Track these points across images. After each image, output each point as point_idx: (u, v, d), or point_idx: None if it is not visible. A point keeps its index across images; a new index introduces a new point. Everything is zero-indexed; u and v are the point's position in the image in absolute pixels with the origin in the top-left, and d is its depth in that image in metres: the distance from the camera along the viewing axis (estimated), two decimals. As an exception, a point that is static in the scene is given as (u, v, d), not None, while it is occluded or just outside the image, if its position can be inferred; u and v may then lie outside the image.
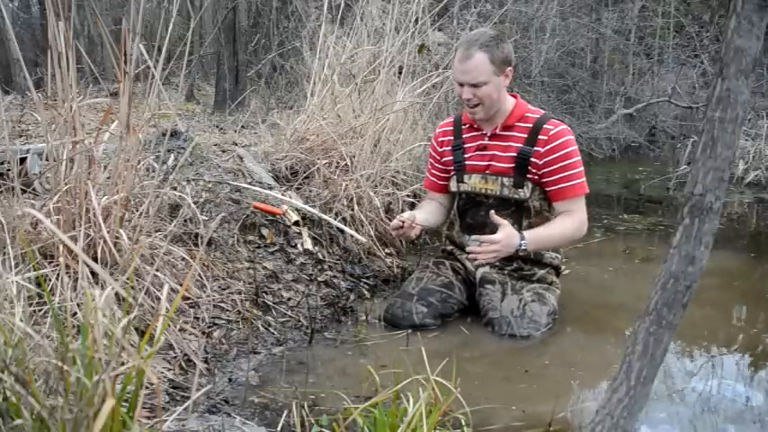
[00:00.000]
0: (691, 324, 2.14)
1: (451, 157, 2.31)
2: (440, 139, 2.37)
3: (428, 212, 2.36)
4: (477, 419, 1.41)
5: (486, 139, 2.23)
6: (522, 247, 2.06)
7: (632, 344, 1.05)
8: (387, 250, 2.76)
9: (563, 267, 2.40)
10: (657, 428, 1.53)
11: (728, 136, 0.94)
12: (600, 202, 4.46)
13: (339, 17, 3.53)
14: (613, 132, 7.50)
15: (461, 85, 2.12)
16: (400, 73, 3.32)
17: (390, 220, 2.81)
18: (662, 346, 1.03)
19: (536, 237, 2.10)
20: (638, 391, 1.04)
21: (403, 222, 2.18)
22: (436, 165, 2.40)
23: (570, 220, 2.15)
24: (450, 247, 2.41)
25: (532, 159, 2.14)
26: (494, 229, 2.13)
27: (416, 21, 3.32)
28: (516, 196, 2.18)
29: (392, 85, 3.28)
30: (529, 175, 2.16)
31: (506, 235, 2.04)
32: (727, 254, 3.11)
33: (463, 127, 2.30)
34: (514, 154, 2.16)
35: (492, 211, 2.10)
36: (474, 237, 2.11)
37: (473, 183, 2.25)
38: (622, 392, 1.05)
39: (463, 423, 1.29)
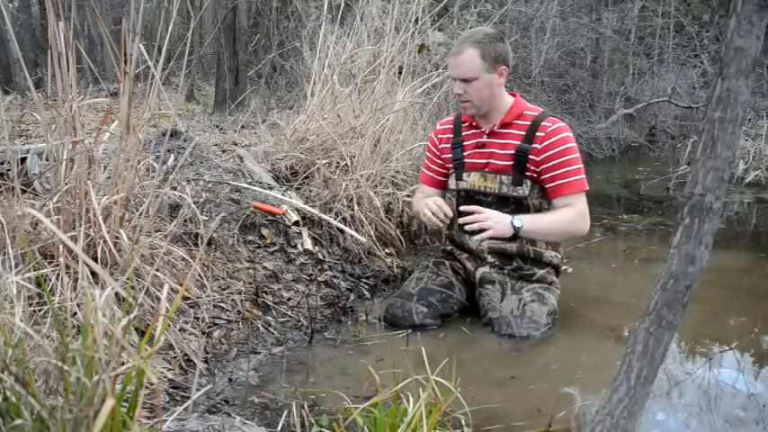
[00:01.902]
0: (691, 323, 2.14)
1: (451, 155, 2.32)
2: (440, 136, 2.37)
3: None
4: (477, 419, 1.41)
5: (485, 136, 2.23)
6: (516, 222, 2.05)
7: (632, 344, 1.05)
8: (387, 250, 2.76)
9: (563, 267, 2.40)
10: (658, 428, 1.53)
11: (728, 136, 0.94)
12: (600, 202, 4.46)
13: (339, 17, 3.54)
14: (613, 132, 7.51)
15: (455, 79, 2.15)
16: (400, 73, 3.32)
17: (390, 220, 2.82)
18: (662, 346, 1.03)
19: (531, 217, 2.11)
20: (638, 391, 1.04)
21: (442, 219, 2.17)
22: (435, 160, 2.39)
23: (569, 212, 2.13)
24: (449, 247, 2.40)
25: (530, 156, 2.14)
26: None
27: (416, 21, 3.32)
28: (515, 194, 2.18)
29: (392, 85, 3.28)
30: (527, 173, 2.16)
31: (491, 210, 2.07)
32: (727, 254, 3.11)
33: (463, 125, 2.31)
34: (512, 151, 2.17)
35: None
36: (462, 220, 2.11)
37: (472, 180, 2.25)
38: (622, 392, 1.05)
39: (463, 423, 1.29)
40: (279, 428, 1.39)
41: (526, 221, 2.08)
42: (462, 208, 2.12)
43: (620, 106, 7.77)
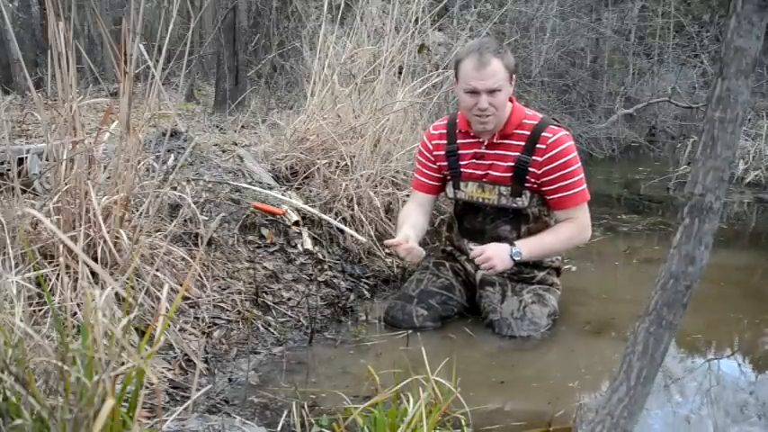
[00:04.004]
0: (690, 323, 2.14)
1: (446, 163, 2.26)
2: (434, 142, 2.29)
3: (415, 225, 2.22)
4: (477, 419, 1.41)
5: (483, 147, 2.17)
6: (515, 253, 2.04)
7: (632, 344, 1.05)
8: (387, 250, 2.76)
9: (567, 266, 2.39)
10: (658, 428, 1.53)
11: (728, 136, 0.94)
12: (600, 202, 4.46)
13: (339, 17, 3.53)
14: (613, 132, 7.50)
15: (476, 93, 2.02)
16: (400, 73, 3.31)
17: (390, 220, 2.82)
18: (662, 346, 1.03)
19: (528, 243, 2.09)
20: (638, 391, 1.04)
21: (404, 247, 2.07)
22: (428, 165, 2.31)
23: (569, 227, 2.12)
24: (449, 248, 2.40)
25: (531, 169, 2.10)
26: (492, 234, 2.15)
27: (416, 21, 3.31)
28: (514, 205, 2.15)
29: (392, 85, 3.28)
30: (527, 184, 2.12)
31: (491, 245, 2.06)
32: (726, 253, 3.11)
33: (458, 132, 2.23)
34: (512, 163, 2.12)
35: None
36: (470, 256, 2.11)
37: (470, 191, 2.22)
38: (622, 392, 1.05)
39: (463, 423, 1.28)
40: (279, 428, 1.39)
41: (525, 251, 2.06)
42: (472, 256, 2.09)
43: (620, 106, 7.76)
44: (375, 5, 3.75)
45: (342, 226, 2.58)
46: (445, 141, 2.26)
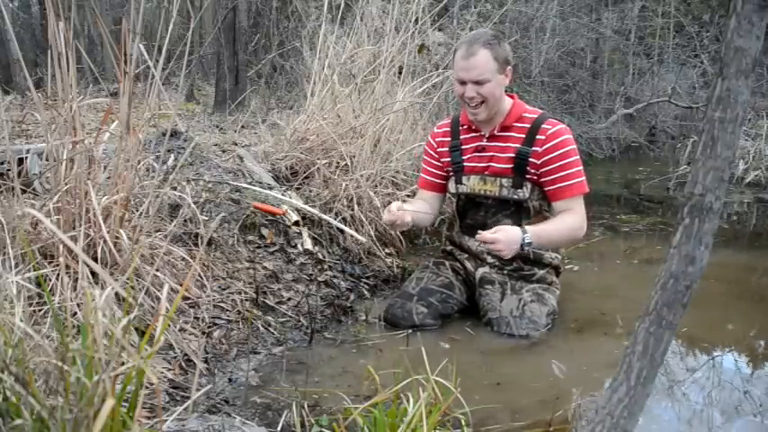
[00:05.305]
0: (690, 323, 2.14)
1: (449, 159, 2.31)
2: (438, 139, 2.36)
3: (417, 207, 2.29)
4: (477, 419, 1.41)
5: (485, 140, 2.22)
6: (527, 240, 2.03)
7: (632, 344, 1.05)
8: (387, 250, 2.76)
9: (569, 265, 2.39)
10: (658, 427, 1.53)
11: (728, 136, 0.94)
12: (600, 202, 4.46)
13: (339, 17, 3.54)
14: (613, 132, 7.51)
15: (463, 83, 2.09)
16: (400, 73, 3.32)
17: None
18: (662, 346, 1.03)
19: (538, 230, 2.08)
20: (638, 391, 1.04)
21: (395, 217, 2.12)
22: (433, 163, 2.38)
23: (571, 218, 2.14)
24: (449, 248, 2.40)
25: (531, 159, 2.14)
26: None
27: (416, 21, 3.32)
28: (515, 197, 2.18)
29: (392, 85, 3.28)
30: (527, 176, 2.16)
31: (503, 230, 2.02)
32: (726, 253, 3.12)
33: (461, 128, 2.29)
34: (513, 154, 2.16)
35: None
36: (476, 238, 2.07)
37: (472, 184, 2.25)
38: (622, 392, 1.05)
39: (463, 423, 1.29)
40: (279, 428, 1.39)
41: (535, 238, 2.05)
42: (477, 239, 2.05)
43: (620, 106, 7.76)
44: (375, 5, 3.75)
45: (342, 226, 2.58)
46: (449, 138, 2.32)
